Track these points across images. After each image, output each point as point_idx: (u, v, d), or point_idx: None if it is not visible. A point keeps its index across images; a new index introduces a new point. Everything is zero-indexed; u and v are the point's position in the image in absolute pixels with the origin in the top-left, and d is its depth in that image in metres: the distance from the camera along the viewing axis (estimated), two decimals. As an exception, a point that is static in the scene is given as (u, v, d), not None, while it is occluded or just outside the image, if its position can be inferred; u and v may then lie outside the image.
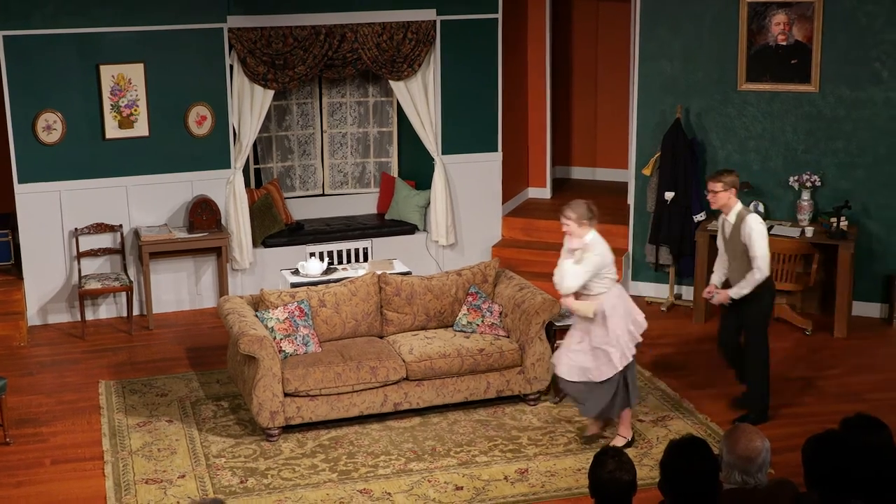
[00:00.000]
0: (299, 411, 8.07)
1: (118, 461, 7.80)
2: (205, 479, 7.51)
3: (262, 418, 8.00)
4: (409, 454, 7.82)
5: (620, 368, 7.58)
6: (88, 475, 7.63)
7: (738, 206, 8.01)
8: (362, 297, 8.76)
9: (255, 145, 11.43)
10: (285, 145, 11.78)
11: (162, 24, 10.46)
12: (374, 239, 11.38)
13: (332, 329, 8.65)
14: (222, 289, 10.78)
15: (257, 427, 8.16)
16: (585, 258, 7.48)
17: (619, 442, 7.79)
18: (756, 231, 7.84)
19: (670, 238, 10.67)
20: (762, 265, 7.86)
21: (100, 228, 10.56)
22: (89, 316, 10.58)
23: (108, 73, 10.43)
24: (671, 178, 10.54)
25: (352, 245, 11.31)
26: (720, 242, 8.26)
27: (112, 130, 10.55)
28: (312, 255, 10.68)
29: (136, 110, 10.57)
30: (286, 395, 8.03)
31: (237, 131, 10.90)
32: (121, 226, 10.61)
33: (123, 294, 10.64)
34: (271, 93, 10.91)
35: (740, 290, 7.98)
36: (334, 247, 11.24)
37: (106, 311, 10.77)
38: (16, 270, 10.78)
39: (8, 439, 8.10)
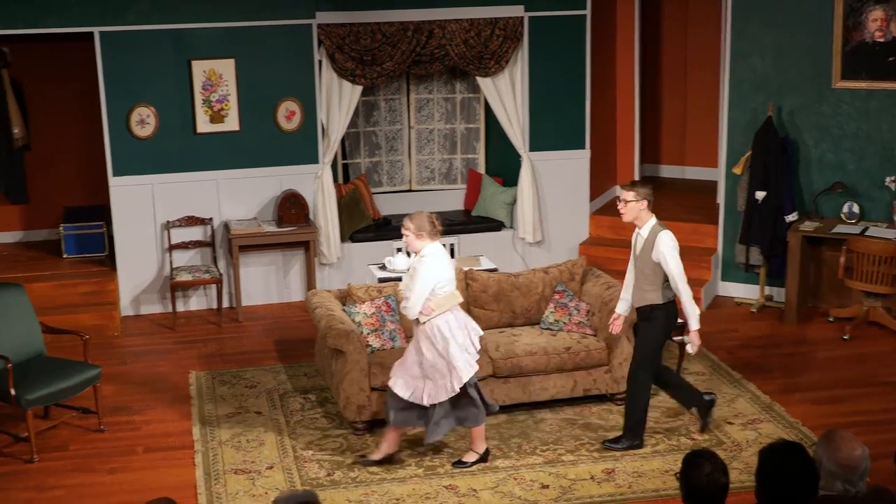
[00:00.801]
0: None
1: (208, 451, 7.91)
2: (292, 471, 7.58)
3: (348, 412, 8.05)
4: (495, 451, 7.81)
5: (452, 394, 7.34)
6: (179, 464, 7.75)
7: (653, 220, 7.57)
8: (449, 292, 8.75)
9: (343, 141, 11.50)
10: (373, 141, 11.84)
11: (252, 20, 10.57)
12: (460, 235, 11.39)
13: (419, 324, 8.67)
14: (310, 283, 10.88)
15: (344, 420, 8.21)
16: (417, 271, 7.24)
17: (469, 457, 7.61)
18: (668, 248, 7.44)
19: (761, 238, 10.51)
20: (680, 282, 7.42)
21: (191, 221, 10.71)
22: (180, 307, 10.74)
23: (200, 68, 10.57)
24: (762, 178, 10.39)
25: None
26: (631, 258, 7.80)
27: (203, 125, 10.69)
28: (399, 250, 10.72)
29: (226, 105, 10.70)
30: (373, 389, 8.06)
31: (325, 127, 10.98)
32: (211, 219, 10.76)
33: (213, 286, 10.79)
34: (359, 88, 10.96)
35: (692, 319, 7.49)
36: (421, 242, 11.24)
37: (196, 302, 10.92)
38: (110, 262, 10.98)
39: (102, 427, 8.27)
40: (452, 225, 11.44)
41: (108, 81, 10.39)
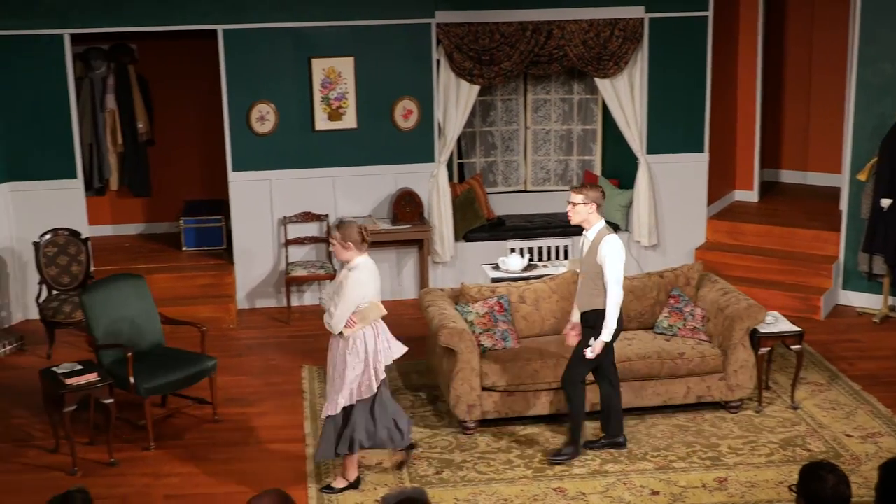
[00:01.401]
0: (496, 406, 8.09)
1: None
2: (402, 468, 7.60)
3: (459, 411, 8.05)
4: (605, 455, 7.73)
5: (334, 413, 7.13)
6: (291, 456, 7.84)
7: (601, 223, 7.47)
8: (562, 294, 8.71)
9: (459, 140, 11.52)
10: (489, 141, 11.84)
11: (372, 18, 10.65)
12: (573, 237, 11.30)
13: (531, 326, 8.63)
14: (423, 281, 10.92)
15: (454, 419, 8.21)
16: (342, 287, 7.02)
17: (339, 483, 7.31)
18: (611, 252, 7.30)
19: (886, 247, 10.21)
20: (613, 288, 7.28)
21: (307, 217, 10.84)
22: (294, 302, 10.87)
23: (320, 66, 10.69)
24: (889, 185, 10.09)
25: (552, 242, 11.27)
26: (579, 262, 7.70)
27: (321, 122, 10.81)
28: (513, 250, 10.70)
29: (344, 103, 10.79)
30: (484, 389, 8.05)
31: (442, 126, 11.00)
32: (327, 215, 10.87)
33: (327, 282, 10.88)
34: (477, 88, 10.97)
35: (606, 329, 7.33)
36: (535, 243, 11.22)
37: (310, 297, 11.04)
38: (227, 255, 11.18)
39: (217, 417, 8.41)
40: (567, 226, 11.34)
41: (230, 78, 10.58)
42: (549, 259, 11.19)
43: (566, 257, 11.18)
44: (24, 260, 10.57)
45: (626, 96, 11.18)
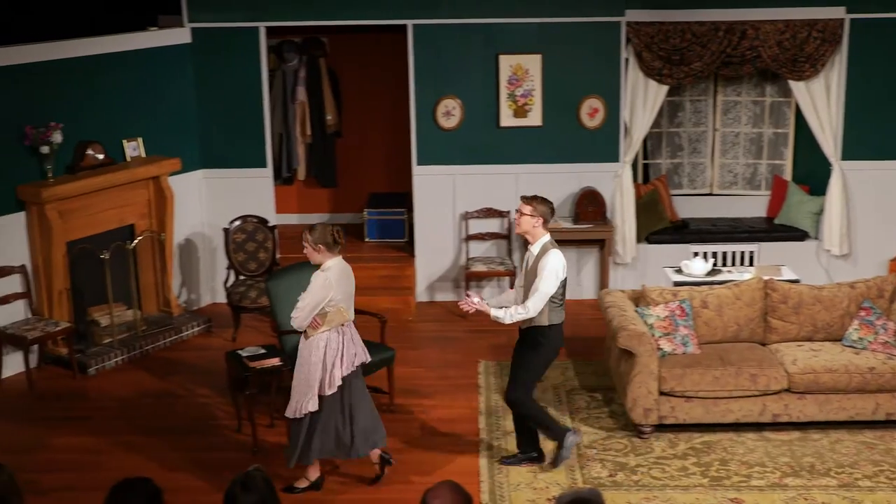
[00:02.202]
0: (673, 411, 7.94)
1: (492, 440, 7.98)
2: (574, 469, 7.54)
3: (635, 414, 7.93)
4: (786, 468, 7.50)
5: (293, 416, 7.06)
6: (464, 450, 7.86)
7: (545, 238, 7.27)
8: (746, 301, 8.48)
9: (645, 140, 11.35)
10: (675, 142, 11.63)
11: (561, 16, 10.58)
12: (761, 243, 11.01)
13: (713, 331, 8.44)
14: (603, 281, 10.81)
15: (629, 422, 8.10)
16: (312, 282, 6.93)
17: (301, 483, 7.27)
18: (550, 268, 7.10)
19: None
20: (536, 299, 7.09)
21: (489, 213, 10.86)
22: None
23: (507, 62, 10.69)
24: None
25: (738, 248, 11.00)
26: (519, 275, 7.52)
27: (507, 119, 10.80)
28: (696, 254, 10.48)
29: (530, 100, 10.77)
30: (661, 393, 7.92)
31: (628, 125, 10.86)
32: (508, 212, 10.86)
33: (506, 278, 10.89)
34: (665, 88, 10.78)
35: (510, 315, 7.18)
36: (719, 248, 10.98)
37: (489, 293, 11.06)
38: (409, 248, 11.30)
39: (393, 407, 8.50)
40: (753, 232, 11.08)
41: (417, 73, 10.69)
42: (733, 264, 10.92)
43: (751, 263, 10.89)
44: (214, 245, 10.92)
45: (822, 100, 10.80)
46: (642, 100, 10.78)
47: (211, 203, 10.91)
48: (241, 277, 10.37)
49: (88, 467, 7.74)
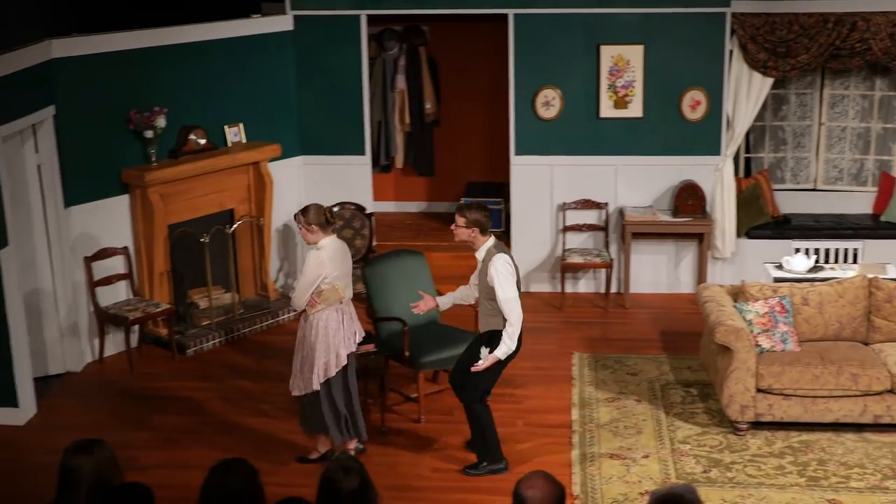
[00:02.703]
0: (770, 409, 7.80)
1: (585, 432, 7.93)
2: (668, 463, 7.46)
3: (731, 411, 7.81)
4: (887, 471, 7.32)
5: (298, 394, 7.36)
6: (556, 441, 7.83)
7: (489, 243, 7.18)
8: (849, 299, 8.29)
9: (747, 134, 11.15)
10: (779, 136, 11.41)
11: (664, 6, 10.44)
12: (866, 240, 10.75)
13: (814, 329, 8.26)
14: (701, 276, 10.66)
15: (725, 419, 7.98)
16: (306, 262, 7.19)
17: (313, 455, 7.56)
18: (498, 272, 7.01)
19: None
20: (508, 309, 7.01)
21: (586, 205, 10.78)
22: (568, 288, 10.84)
23: (608, 53, 10.58)
24: None
25: (841, 244, 10.75)
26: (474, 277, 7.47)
27: (606, 110, 10.71)
28: (798, 250, 10.28)
29: (631, 91, 10.65)
30: (759, 390, 7.78)
31: (730, 118, 10.68)
32: (606, 204, 10.77)
33: (603, 271, 10.81)
34: (770, 81, 10.58)
35: (502, 347, 7.08)
36: (821, 244, 10.74)
37: (584, 285, 10.99)
38: (505, 238, 11.25)
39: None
40: (858, 229, 10.82)
41: (517, 62, 10.64)
42: (836, 261, 10.68)
43: (855, 260, 10.64)
44: (312, 231, 11.01)
45: (933, 94, 10.51)
46: (746, 92, 10.59)
47: (309, 189, 11.01)
48: (338, 264, 10.43)
49: (185, 446, 7.88)
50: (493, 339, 7.20)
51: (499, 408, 8.31)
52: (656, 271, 10.92)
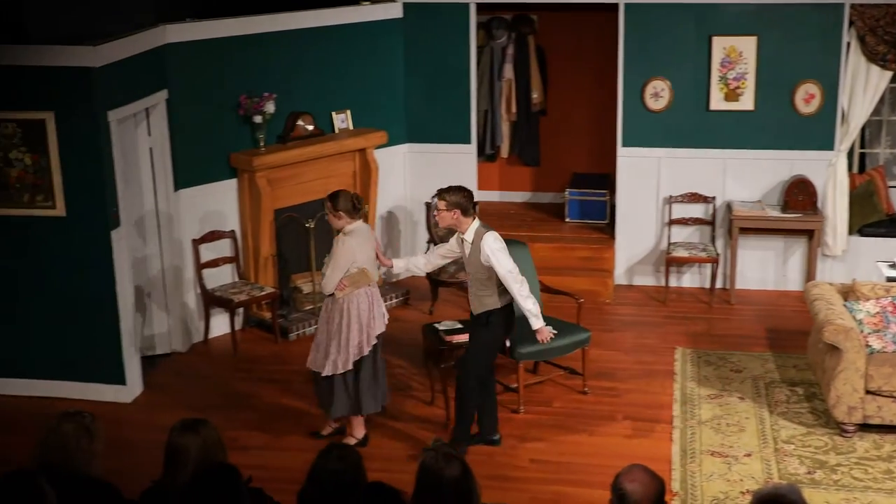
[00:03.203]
0: (880, 411, 7.60)
1: (686, 428, 7.83)
2: (770, 463, 7.32)
3: (838, 412, 7.63)
4: None
5: (333, 373, 7.42)
6: (656, 437, 7.74)
7: (475, 224, 7.25)
8: (966, 300, 8.03)
9: (862, 129, 10.86)
10: (896, 131, 11.11)
11: (781, -3, 10.24)
12: (983, 241, 10.42)
13: (927, 330, 8.03)
14: (810, 273, 10.43)
15: (831, 419, 7.80)
16: (334, 251, 7.33)
17: (349, 440, 7.53)
18: (493, 249, 7.10)
19: None
20: (513, 280, 7.10)
21: (693, 198, 10.62)
22: (672, 282, 10.70)
23: (720, 44, 10.40)
24: None
25: (959, 244, 10.44)
26: (450, 250, 7.60)
27: (717, 102, 10.52)
28: (913, 249, 10.01)
29: (742, 84, 10.45)
30: (867, 392, 7.59)
31: (846, 112, 10.41)
32: (714, 197, 10.60)
33: (708, 265, 10.64)
34: (888, 74, 10.27)
35: (531, 319, 7.25)
36: (939, 244, 10.44)
37: (689, 279, 10.84)
38: (609, 230, 11.16)
39: (586, 389, 8.43)
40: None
41: (627, 53, 10.51)
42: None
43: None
44: (416, 219, 11.05)
45: None
46: (862, 86, 10.31)
47: (414, 177, 11.04)
48: (441, 252, 10.45)
49: (286, 429, 7.96)
50: (489, 318, 7.29)
51: (599, 401, 8.29)
52: (763, 267, 10.71)
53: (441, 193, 7.25)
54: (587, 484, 7.12)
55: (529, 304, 7.23)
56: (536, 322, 7.32)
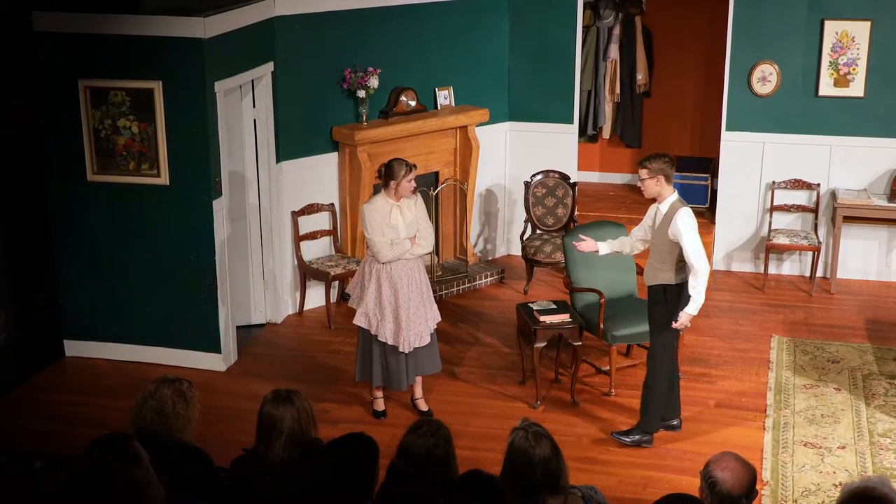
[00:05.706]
0: (982, 410, 7.42)
1: (780, 418, 7.73)
2: (865, 456, 7.20)
3: (938, 408, 7.47)
4: None
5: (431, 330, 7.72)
6: (749, 425, 7.66)
7: (673, 196, 7.14)
8: None
9: (977, 119, 10.57)
10: None
11: (891, -18, 9.98)
12: None
13: None
14: (915, 265, 10.21)
15: (931, 416, 7.65)
16: (421, 212, 7.67)
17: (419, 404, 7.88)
18: (686, 225, 6.96)
19: None
20: (697, 261, 6.93)
21: (797, 185, 10.44)
22: (771, 270, 10.55)
23: (832, 29, 10.18)
24: None
25: None
26: (648, 228, 7.39)
27: (826, 88, 10.31)
28: None
29: (853, 69, 10.23)
30: (970, 389, 7.41)
31: (961, 101, 10.14)
32: (818, 185, 10.40)
33: (809, 254, 10.47)
34: None
35: (693, 302, 7.01)
36: None
37: (789, 267, 10.67)
38: (709, 214, 11.04)
39: (679, 374, 8.36)
40: None
41: (735, 36, 10.35)
42: None
43: None
44: (514, 198, 11.04)
45: None
46: (978, 74, 10.03)
47: (514, 155, 11.03)
48: (538, 231, 10.45)
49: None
50: (664, 293, 7.17)
51: (692, 386, 8.22)
52: (866, 257, 10.50)
53: (643, 162, 7.18)
54: (677, 470, 7.09)
55: (702, 288, 7.05)
56: (693, 309, 7.09)
